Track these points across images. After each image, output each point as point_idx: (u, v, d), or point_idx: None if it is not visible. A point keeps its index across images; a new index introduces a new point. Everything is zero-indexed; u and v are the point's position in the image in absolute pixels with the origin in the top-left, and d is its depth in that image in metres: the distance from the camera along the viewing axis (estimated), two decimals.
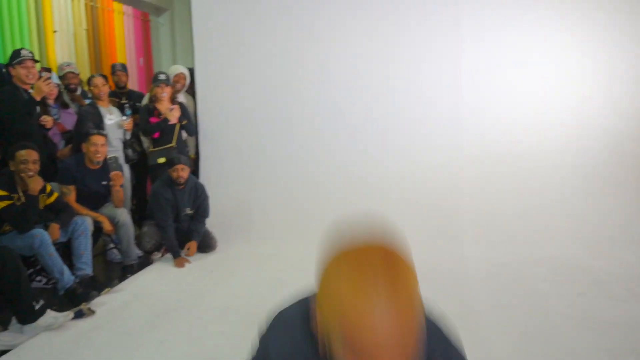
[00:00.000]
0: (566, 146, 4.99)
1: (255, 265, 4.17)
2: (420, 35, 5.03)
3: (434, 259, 4.05)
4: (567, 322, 2.94)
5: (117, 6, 6.32)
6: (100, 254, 4.81)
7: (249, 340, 2.72)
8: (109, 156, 4.43)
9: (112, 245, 4.65)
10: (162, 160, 4.75)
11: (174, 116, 4.80)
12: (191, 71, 5.48)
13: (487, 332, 2.84)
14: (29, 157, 3.50)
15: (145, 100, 5.06)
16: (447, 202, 4.85)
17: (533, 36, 4.92)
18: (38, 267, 4.00)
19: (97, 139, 4.13)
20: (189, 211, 4.51)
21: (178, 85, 5.18)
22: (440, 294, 1.50)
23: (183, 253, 4.41)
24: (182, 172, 4.30)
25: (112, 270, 4.42)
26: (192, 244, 4.47)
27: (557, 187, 4.90)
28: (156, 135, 4.81)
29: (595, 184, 4.89)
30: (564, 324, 2.92)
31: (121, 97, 5.28)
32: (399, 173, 4.89)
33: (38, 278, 4.05)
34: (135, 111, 5.06)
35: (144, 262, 4.47)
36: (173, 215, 4.39)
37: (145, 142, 5.00)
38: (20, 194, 3.54)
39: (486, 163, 4.97)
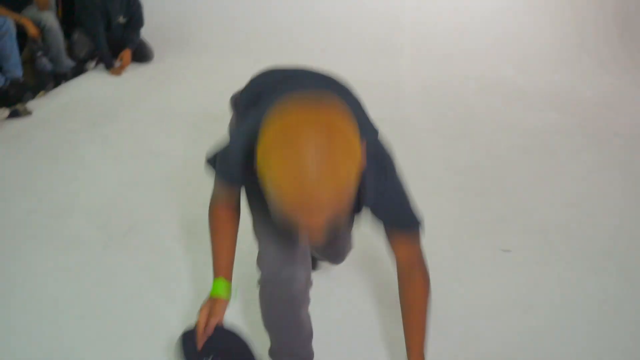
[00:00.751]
0: None
1: (193, 76, 4.11)
2: None
3: (371, 72, 4.16)
4: (490, 127, 3.21)
5: None
6: (27, 62, 4.56)
7: (190, 138, 2.80)
8: None
9: (40, 53, 4.39)
10: None
11: None
12: None
13: (417, 134, 3.06)
14: None
15: None
16: (388, 18, 4.84)
17: None
18: None
19: None
20: (121, 20, 4.26)
21: None
22: (378, 103, 1.57)
23: (117, 63, 4.25)
24: None
25: (44, 78, 4.24)
26: (126, 53, 4.27)
27: (498, 8, 4.96)
28: None
29: (534, 7, 4.99)
30: (487, 129, 3.18)
31: None
32: None
33: None
34: None
35: (78, 71, 4.31)
36: (104, 24, 4.14)
37: None
38: None
39: None
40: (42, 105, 3.41)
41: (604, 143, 3.00)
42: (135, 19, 4.34)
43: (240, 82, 1.34)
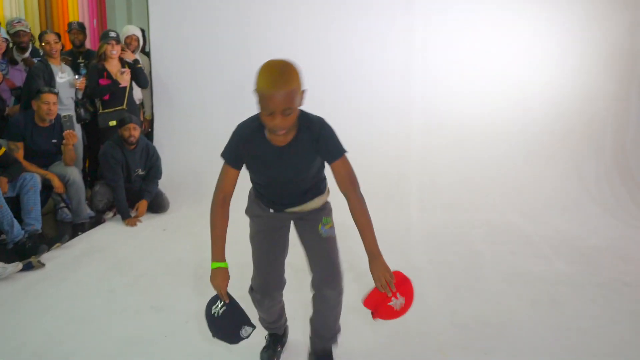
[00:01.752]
0: (511, 119, 5.27)
1: (207, 226, 4.22)
2: (375, 11, 5.22)
3: (381, 221, 4.21)
4: (497, 277, 3.18)
5: None
6: (50, 212, 4.79)
7: (199, 291, 2.82)
8: (62, 115, 4.39)
9: (62, 205, 4.64)
10: (113, 123, 4.70)
11: (124, 79, 4.75)
12: (144, 33, 5.43)
13: (424, 285, 3.04)
14: None
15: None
16: (395, 168, 5.06)
17: (481, 11, 5.15)
18: None
19: (49, 97, 4.09)
20: (140, 172, 4.54)
21: (130, 47, 5.12)
22: (383, 251, 1.73)
23: (133, 213, 4.44)
24: (134, 131, 4.31)
25: (63, 229, 4.41)
26: (142, 204, 4.49)
27: (500, 157, 5.19)
28: (106, 97, 4.76)
29: (535, 155, 5.20)
30: (494, 278, 3.16)
31: (78, 56, 5.19)
32: (349, 138, 5.03)
33: None
34: None
35: (96, 221, 4.49)
36: (124, 176, 4.41)
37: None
38: None
39: (434, 132, 5.21)
40: (56, 257, 3.51)
41: (613, 293, 2.93)
42: (153, 170, 4.62)
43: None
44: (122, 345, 2.33)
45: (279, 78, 1.54)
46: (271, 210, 1.95)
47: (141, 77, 4.93)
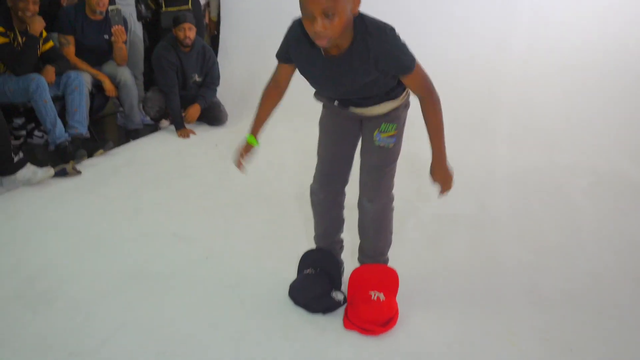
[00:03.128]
0: (626, 43, 4.28)
1: (262, 147, 3.81)
2: None
3: (461, 156, 3.60)
4: (599, 244, 2.50)
5: None
6: (110, 115, 4.58)
7: (230, 223, 2.42)
8: (114, 7, 4.00)
9: (121, 108, 4.39)
10: None
11: None
12: None
13: (500, 242, 2.45)
14: None
15: None
16: (486, 95, 4.30)
17: None
18: (32, 125, 3.81)
19: None
20: (197, 78, 4.13)
21: None
22: (460, 196, 1.32)
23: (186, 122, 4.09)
24: (189, 31, 3.85)
25: (115, 135, 4.19)
26: (194, 108, 4.08)
27: (612, 95, 4.24)
28: None
29: None
30: (594, 246, 2.49)
31: None
32: (432, 56, 4.29)
33: (37, 133, 3.88)
34: None
35: (153, 128, 4.22)
36: (179, 82, 4.02)
37: None
38: (17, 33, 3.25)
39: (537, 56, 4.33)
40: (96, 165, 3.27)
41: None
42: (210, 76, 4.19)
43: (306, 151, 1.47)
44: (122, 278, 2.01)
45: None
46: (335, 103, 1.73)
47: None
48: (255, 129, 1.79)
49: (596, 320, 1.88)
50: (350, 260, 2.10)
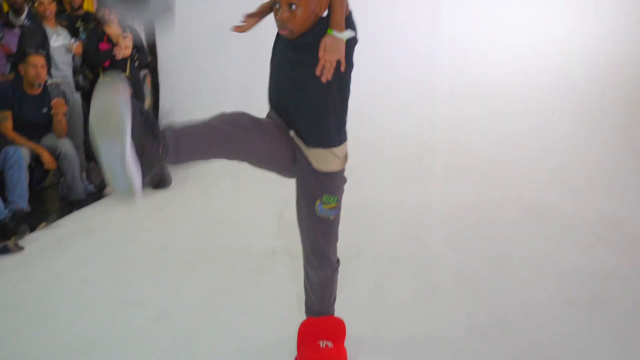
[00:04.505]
0: (547, 86, 4.73)
1: (206, 205, 3.91)
2: None
3: (399, 198, 3.82)
4: (528, 269, 2.72)
5: None
6: (50, 187, 4.53)
7: (178, 284, 2.48)
8: (53, 81, 4.07)
9: (62, 179, 4.36)
10: None
11: (126, 45, 4.37)
12: None
13: (440, 278, 2.61)
14: None
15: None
16: (418, 140, 4.58)
17: None
18: None
19: (36, 60, 3.76)
20: None
21: None
22: (398, 234, 1.38)
23: None
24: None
25: (60, 205, 4.15)
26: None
27: (535, 128, 4.64)
28: (106, 64, 4.40)
29: (576, 126, 4.63)
30: (524, 271, 2.70)
31: (76, 20, 4.85)
32: (369, 105, 4.55)
33: None
34: None
35: (97, 196, 4.21)
36: None
37: None
38: None
39: (462, 101, 4.70)
40: (39, 239, 3.24)
41: None
42: None
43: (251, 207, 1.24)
44: (74, 353, 2.01)
45: None
46: (292, 133, 1.66)
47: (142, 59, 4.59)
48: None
49: (529, 341, 2.05)
50: (297, 312, 2.19)
